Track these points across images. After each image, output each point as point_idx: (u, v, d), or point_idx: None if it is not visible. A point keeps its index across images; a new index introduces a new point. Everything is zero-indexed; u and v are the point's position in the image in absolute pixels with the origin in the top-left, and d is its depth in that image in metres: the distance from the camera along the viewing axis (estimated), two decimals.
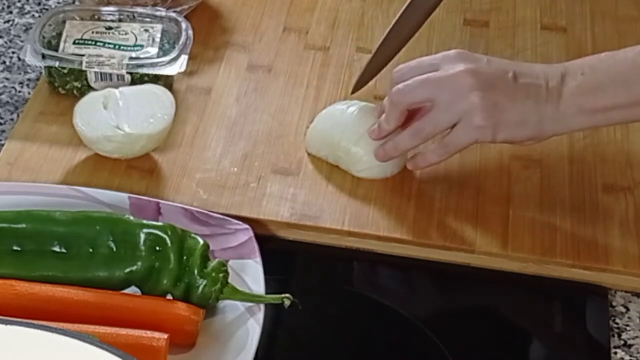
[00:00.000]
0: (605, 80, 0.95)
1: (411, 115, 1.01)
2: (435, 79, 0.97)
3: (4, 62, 1.18)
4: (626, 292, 0.99)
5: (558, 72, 0.97)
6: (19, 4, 1.25)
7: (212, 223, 0.97)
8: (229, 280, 0.91)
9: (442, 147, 0.99)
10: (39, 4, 1.26)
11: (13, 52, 1.19)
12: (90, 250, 0.91)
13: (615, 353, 0.93)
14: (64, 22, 1.13)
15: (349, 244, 1.01)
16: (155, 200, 0.98)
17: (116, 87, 1.06)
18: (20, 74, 1.17)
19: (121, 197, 0.98)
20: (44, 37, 1.11)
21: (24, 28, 1.22)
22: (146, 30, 1.13)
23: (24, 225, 0.92)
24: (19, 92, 1.15)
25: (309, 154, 1.07)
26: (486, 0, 1.26)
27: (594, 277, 0.99)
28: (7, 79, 1.16)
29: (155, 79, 1.10)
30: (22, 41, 1.20)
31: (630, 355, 0.93)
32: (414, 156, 1.03)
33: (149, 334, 0.85)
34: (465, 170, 1.05)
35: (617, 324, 0.96)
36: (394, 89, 0.99)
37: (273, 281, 0.93)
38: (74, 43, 1.11)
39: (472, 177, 1.05)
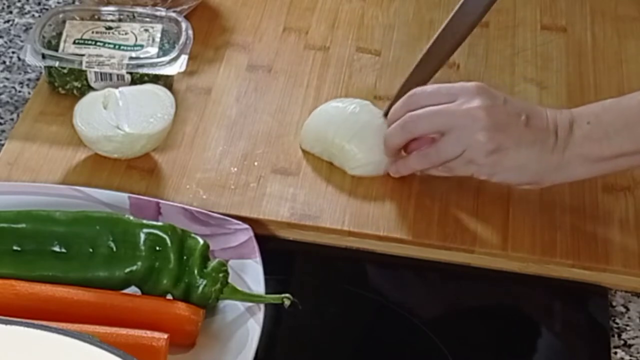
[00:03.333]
0: (610, 129, 0.95)
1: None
2: (449, 113, 0.97)
3: (4, 62, 1.18)
4: (626, 292, 0.99)
5: (567, 120, 0.97)
6: (19, 4, 1.25)
7: (212, 223, 0.97)
8: (229, 280, 0.91)
9: (446, 169, 1.00)
10: (39, 4, 1.26)
11: (13, 52, 1.19)
12: (90, 250, 0.91)
13: (615, 353, 0.93)
14: (64, 22, 1.13)
15: (349, 244, 1.01)
16: (155, 200, 0.98)
17: (116, 87, 1.06)
18: (20, 74, 1.17)
19: (121, 197, 0.98)
20: (44, 37, 1.11)
21: (24, 28, 1.22)
22: (146, 30, 1.13)
23: (24, 225, 0.92)
24: (19, 92, 1.15)
25: (303, 150, 1.07)
26: None
27: (594, 277, 0.99)
28: (7, 79, 1.16)
29: (155, 79, 1.10)
30: (22, 41, 1.20)
31: (630, 355, 0.93)
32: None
33: (149, 334, 0.85)
34: None
35: (617, 324, 0.96)
36: (407, 115, 0.99)
37: (273, 281, 0.93)
38: (74, 43, 1.11)
39: (472, 177, 1.05)
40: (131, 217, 0.92)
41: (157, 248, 0.90)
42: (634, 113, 0.96)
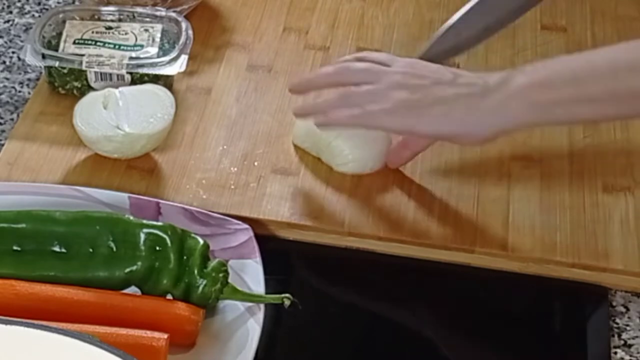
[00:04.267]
0: (554, 75, 0.94)
1: None
2: (377, 70, 0.99)
3: (4, 62, 1.18)
4: (626, 292, 0.99)
5: (505, 73, 0.96)
6: (19, 4, 1.25)
7: (212, 223, 0.97)
8: (229, 280, 0.91)
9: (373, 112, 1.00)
10: (39, 4, 1.26)
11: (13, 52, 1.19)
12: (90, 250, 0.91)
13: (615, 353, 0.93)
14: (64, 22, 1.13)
15: (349, 244, 1.01)
16: (155, 200, 0.98)
17: (116, 87, 1.06)
18: (20, 74, 1.17)
19: (121, 197, 0.98)
20: (44, 37, 1.11)
21: (24, 28, 1.22)
22: (146, 30, 1.13)
23: (24, 225, 0.92)
24: (19, 92, 1.15)
25: (294, 145, 1.07)
26: None
27: (594, 277, 0.99)
28: (7, 79, 1.16)
29: (155, 79, 1.10)
30: (22, 41, 1.20)
31: (630, 355, 0.93)
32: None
33: (149, 334, 0.85)
34: (465, 170, 1.05)
35: (617, 324, 0.96)
36: (341, 62, 1.02)
37: (273, 281, 0.93)
38: (74, 43, 1.11)
39: (472, 177, 1.05)
40: (131, 217, 0.92)
41: (157, 248, 0.90)
42: (581, 63, 0.94)
